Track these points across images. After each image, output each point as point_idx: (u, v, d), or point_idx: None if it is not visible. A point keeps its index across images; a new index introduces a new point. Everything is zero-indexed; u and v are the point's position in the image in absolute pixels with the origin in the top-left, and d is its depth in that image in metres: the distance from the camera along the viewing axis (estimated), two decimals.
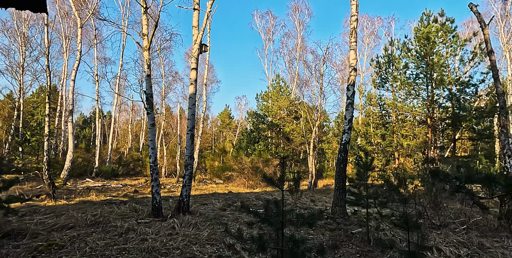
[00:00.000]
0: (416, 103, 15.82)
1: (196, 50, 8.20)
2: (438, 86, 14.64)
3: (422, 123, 15.60)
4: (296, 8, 29.75)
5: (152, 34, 6.96)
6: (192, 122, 7.97)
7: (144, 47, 7.08)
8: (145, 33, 7.17)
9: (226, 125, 53.19)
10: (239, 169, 15.81)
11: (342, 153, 8.67)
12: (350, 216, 7.81)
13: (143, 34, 7.12)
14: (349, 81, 8.99)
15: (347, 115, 8.89)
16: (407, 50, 15.53)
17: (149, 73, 7.18)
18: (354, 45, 8.95)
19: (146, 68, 7.15)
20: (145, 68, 7.15)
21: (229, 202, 9.72)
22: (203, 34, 8.32)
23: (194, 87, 8.15)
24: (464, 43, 13.89)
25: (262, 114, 24.77)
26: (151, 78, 7.25)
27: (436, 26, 14.42)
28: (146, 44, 7.10)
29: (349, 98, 8.95)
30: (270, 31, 31.42)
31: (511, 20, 23.12)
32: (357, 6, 8.93)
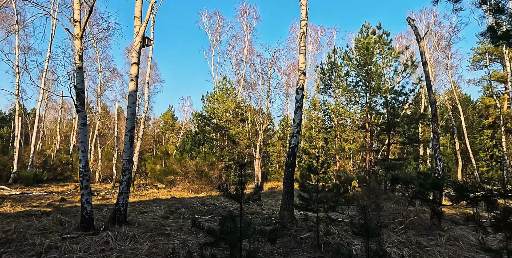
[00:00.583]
0: (356, 109, 16.76)
1: (138, 43, 7.46)
2: (375, 94, 15.67)
3: (361, 128, 16.56)
4: (244, 11, 29.80)
5: (86, 21, 6.09)
6: (131, 123, 7.20)
7: (75, 35, 6.17)
8: (77, 19, 6.26)
9: (169, 127, 51.07)
10: (183, 172, 15.04)
11: (290, 157, 8.62)
12: (298, 220, 7.75)
13: (74, 21, 6.20)
14: (298, 85, 9.02)
15: (296, 119, 8.89)
16: (349, 59, 16.40)
17: (80, 65, 6.27)
18: (304, 49, 9.02)
19: (77, 59, 6.23)
20: (76, 59, 6.24)
21: (172, 208, 9.05)
22: (146, 27, 7.62)
23: (135, 84, 7.40)
24: (397, 55, 15.08)
25: (207, 116, 24.11)
26: (83, 71, 6.35)
27: (374, 38, 15.45)
28: (78, 32, 6.19)
29: (298, 102, 8.97)
30: (218, 32, 30.99)
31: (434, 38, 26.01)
32: (306, 11, 9.03)
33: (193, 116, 25.80)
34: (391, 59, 15.20)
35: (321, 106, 18.75)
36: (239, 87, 29.36)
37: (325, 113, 18.33)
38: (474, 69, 35.50)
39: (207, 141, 22.68)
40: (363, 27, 16.28)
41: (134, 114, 7.36)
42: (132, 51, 7.46)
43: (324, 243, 5.44)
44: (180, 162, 16.09)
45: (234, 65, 32.22)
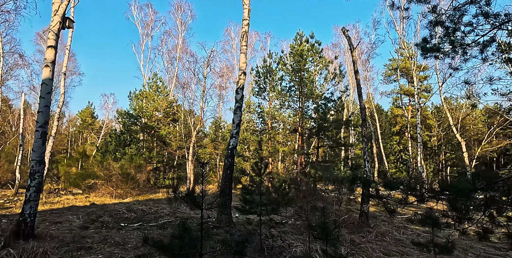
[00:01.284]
0: (290, 113, 17.30)
1: (56, 23, 6.36)
2: (307, 99, 16.40)
3: (293, 131, 17.14)
4: (179, 7, 28.59)
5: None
6: (45, 116, 6.06)
7: None
8: None
9: (87, 126, 46.21)
10: (106, 176, 13.48)
11: (229, 158, 8.32)
12: (236, 224, 7.47)
13: None
14: (238, 84, 8.81)
15: (235, 120, 8.65)
16: (283, 64, 16.88)
17: None
18: (245, 49, 8.86)
19: None
20: None
21: (93, 217, 7.92)
22: (67, 5, 6.56)
23: (51, 71, 6.27)
24: (328, 64, 16.07)
25: (135, 114, 22.31)
26: None
27: (307, 46, 16.20)
28: None
29: (237, 102, 8.75)
30: (149, 26, 29.08)
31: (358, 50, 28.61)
32: (249, 11, 8.90)
33: (119, 115, 23.64)
34: (322, 67, 16.11)
35: (255, 109, 18.92)
36: (171, 86, 28.01)
37: (259, 116, 18.53)
38: (386, 82, 39.95)
39: (134, 141, 20.97)
40: (297, 35, 16.95)
41: (49, 106, 6.22)
42: (49, 32, 6.33)
43: (267, 246, 5.26)
44: (102, 164, 14.44)
45: (166, 63, 30.68)
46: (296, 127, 17.09)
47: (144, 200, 12.06)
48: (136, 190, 13.99)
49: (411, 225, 8.70)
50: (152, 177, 18.75)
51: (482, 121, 33.32)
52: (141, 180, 14.34)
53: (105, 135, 41.73)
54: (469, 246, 5.93)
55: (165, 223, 7.53)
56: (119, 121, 22.85)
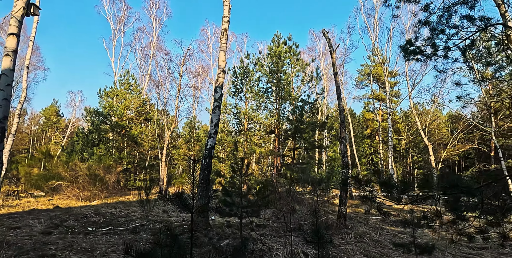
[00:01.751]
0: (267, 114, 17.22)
1: (19, 9, 5.80)
2: (284, 101, 16.40)
3: (270, 133, 17.06)
4: (154, 3, 27.78)
5: None
6: (4, 111, 5.48)
7: None
8: None
9: (52, 124, 43.74)
10: (71, 177, 12.63)
11: (206, 159, 8.03)
12: (213, 227, 7.19)
13: None
14: (217, 83, 8.55)
15: (213, 119, 8.38)
16: (261, 65, 16.78)
17: None
18: (225, 46, 8.63)
19: None
20: None
21: (57, 221, 7.31)
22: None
23: (12, 60, 5.70)
24: (305, 66, 16.17)
25: (105, 113, 21.27)
26: None
27: (285, 48, 16.21)
28: None
29: (216, 101, 8.49)
30: (122, 21, 27.99)
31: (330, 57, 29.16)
32: (229, 8, 8.69)
33: (87, 113, 22.42)
34: (300, 69, 16.19)
35: (232, 110, 18.66)
36: (144, 84, 27.07)
37: (235, 116, 18.29)
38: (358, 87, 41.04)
39: (103, 141, 19.96)
40: (275, 37, 16.92)
41: (8, 100, 5.64)
42: (11, 19, 5.76)
43: (247, 250, 5.04)
44: (67, 165, 13.55)
45: (140, 60, 29.67)
46: (273, 129, 17.03)
47: (114, 202, 11.42)
48: (105, 192, 13.24)
49: (386, 226, 8.83)
50: (122, 179, 17.92)
51: (446, 126, 35.17)
52: (110, 181, 13.60)
53: (71, 134, 39.60)
54: (444, 246, 6.06)
55: (137, 227, 7.10)
56: (88, 119, 21.69)
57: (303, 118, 14.67)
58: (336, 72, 9.04)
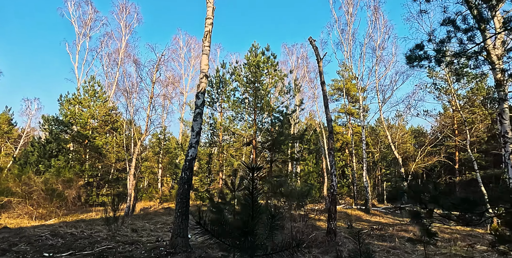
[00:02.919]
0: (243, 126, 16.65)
1: None
2: (262, 112, 15.98)
3: (247, 144, 16.46)
4: (124, 8, 26.70)
5: None
6: None
7: None
8: None
9: (3, 134, 39.95)
10: (24, 192, 11.08)
11: (187, 171, 7.26)
12: (193, 247, 6.36)
13: None
14: (199, 88, 7.92)
15: (195, 127, 7.67)
16: (238, 75, 16.33)
17: None
18: (208, 49, 8.06)
19: None
20: None
21: (4, 245, 6.09)
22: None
23: None
24: (283, 77, 15.95)
25: (66, 121, 19.53)
26: None
27: (264, 58, 15.95)
28: None
29: (198, 108, 7.82)
30: (88, 25, 26.50)
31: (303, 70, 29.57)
32: (213, 10, 8.20)
33: (45, 121, 20.49)
34: (278, 80, 15.93)
35: (207, 120, 17.90)
36: (110, 92, 25.52)
37: (210, 127, 17.53)
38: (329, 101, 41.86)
39: (62, 152, 18.21)
40: (253, 47, 16.63)
41: None
42: None
43: None
44: (19, 178, 11.96)
45: (106, 67, 28.12)
46: (250, 140, 16.47)
47: (74, 221, 10.10)
48: (63, 209, 11.79)
49: (374, 241, 8.46)
50: (83, 194, 16.29)
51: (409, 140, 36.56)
52: (70, 197, 12.17)
53: (25, 145, 36.32)
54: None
55: (104, 251, 6.09)
56: (45, 128, 19.79)
57: (282, 130, 14.29)
58: (323, 81, 8.77)
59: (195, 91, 30.91)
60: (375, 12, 19.80)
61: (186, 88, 32.71)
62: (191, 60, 34.05)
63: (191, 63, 33.99)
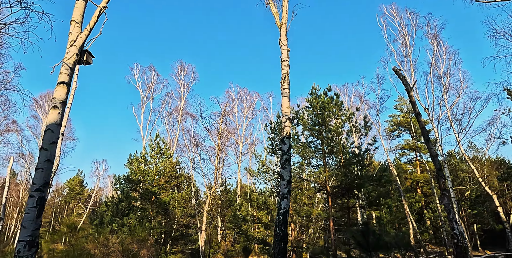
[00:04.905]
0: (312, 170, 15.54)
1: (72, 56, 5.00)
2: (331, 154, 14.86)
3: (319, 190, 15.13)
4: (182, 69, 28.91)
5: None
6: (45, 176, 4.23)
7: None
8: None
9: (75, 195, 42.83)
10: (102, 254, 10.79)
11: (281, 226, 6.29)
12: None
13: None
14: (284, 133, 7.27)
15: (284, 175, 6.85)
16: (301, 118, 15.76)
17: None
18: (288, 92, 7.57)
19: None
20: None
21: None
22: (88, 36, 5.32)
23: (60, 113, 4.67)
24: (351, 116, 15.02)
25: (135, 179, 20.06)
26: None
27: (327, 98, 15.36)
28: None
29: (285, 154, 7.07)
30: (151, 88, 28.82)
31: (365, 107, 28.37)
32: (288, 52, 7.89)
33: (116, 180, 21.30)
34: (345, 119, 15.01)
35: (273, 168, 17.12)
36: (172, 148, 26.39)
37: (279, 175, 16.62)
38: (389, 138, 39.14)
39: (133, 210, 18.32)
40: (313, 89, 16.26)
41: (52, 162, 4.44)
42: (62, 66, 4.91)
43: None
44: (97, 240, 11.80)
45: (167, 125, 29.64)
46: (323, 186, 15.11)
47: None
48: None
49: None
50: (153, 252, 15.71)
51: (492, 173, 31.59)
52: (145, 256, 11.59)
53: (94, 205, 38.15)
54: None
55: None
56: (117, 187, 20.44)
57: (362, 171, 12.92)
58: (418, 112, 7.68)
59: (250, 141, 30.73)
60: (434, 40, 18.80)
61: (241, 139, 32.94)
62: (243, 111, 34.86)
63: (244, 113, 34.74)
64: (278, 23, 7.38)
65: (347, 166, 14.26)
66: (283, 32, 7.34)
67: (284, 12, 7.30)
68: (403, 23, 19.93)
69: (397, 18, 20.20)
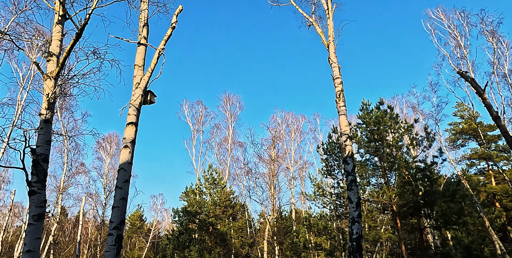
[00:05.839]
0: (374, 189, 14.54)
1: (138, 97, 5.32)
2: (394, 171, 13.84)
3: (384, 210, 13.99)
4: (228, 100, 29.91)
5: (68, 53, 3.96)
6: (121, 214, 4.35)
7: (48, 73, 3.95)
8: (55, 53, 4.16)
9: (136, 230, 44.52)
10: None
11: (356, 254, 5.75)
12: None
13: (50, 54, 4.09)
14: (346, 152, 6.91)
15: (352, 198, 6.41)
16: (355, 136, 15.08)
17: (48, 118, 3.83)
18: (344, 109, 7.29)
19: (45, 108, 3.84)
20: (43, 109, 3.84)
21: None
22: (150, 78, 5.65)
23: (131, 152, 4.89)
24: (409, 128, 14.05)
25: (193, 211, 20.39)
26: (50, 128, 3.86)
27: (380, 112, 14.62)
28: (53, 69, 4.00)
29: (350, 174, 6.67)
30: (200, 122, 30.02)
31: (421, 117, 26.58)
32: (339, 69, 7.72)
33: (174, 213, 21.84)
34: (403, 132, 14.06)
35: (329, 191, 16.36)
36: (225, 177, 26.68)
37: (337, 197, 15.81)
38: (452, 148, 35.89)
39: (192, 242, 18.41)
40: (363, 105, 15.62)
41: (126, 199, 4.58)
42: (130, 108, 5.23)
43: None
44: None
45: (218, 155, 30.28)
46: (387, 206, 13.97)
47: None
48: None
49: None
50: None
51: None
52: None
53: (153, 238, 39.25)
54: None
55: None
56: (176, 220, 20.89)
57: (431, 187, 11.74)
58: (496, 116, 6.90)
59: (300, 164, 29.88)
60: (492, 37, 17.39)
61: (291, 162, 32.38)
62: (291, 134, 34.50)
63: (291, 137, 34.35)
64: (325, 42, 7.32)
65: (413, 182, 13.11)
66: (331, 50, 7.24)
67: (330, 31, 7.25)
68: (453, 25, 18.83)
69: (446, 20, 19.18)
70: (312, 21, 7.65)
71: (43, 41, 4.69)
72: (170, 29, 5.91)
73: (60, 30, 4.30)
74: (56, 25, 4.28)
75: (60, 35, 4.26)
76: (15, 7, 8.05)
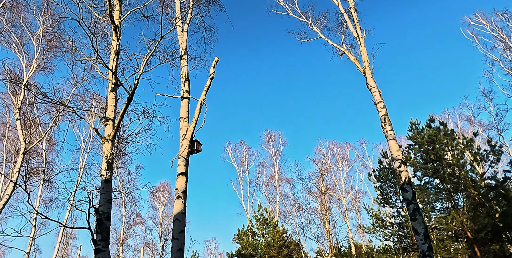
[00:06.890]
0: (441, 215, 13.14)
1: (185, 147, 5.57)
2: (460, 192, 12.53)
3: (458, 238, 12.43)
4: (270, 137, 30.15)
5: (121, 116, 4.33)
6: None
7: (106, 136, 4.32)
8: (110, 117, 4.58)
9: None
10: None
11: None
12: None
13: (106, 119, 4.51)
14: (402, 179, 6.47)
15: (418, 228, 5.83)
16: (409, 158, 14.13)
17: (108, 178, 4.11)
18: (392, 134, 6.97)
19: (105, 169, 4.14)
20: (103, 170, 4.14)
21: None
22: (194, 128, 5.93)
23: (183, 202, 5.01)
24: (469, 143, 12.92)
25: (247, 254, 19.74)
26: (111, 187, 4.12)
27: (433, 130, 13.72)
28: (110, 132, 4.38)
29: (411, 203, 6.15)
30: (245, 162, 30.25)
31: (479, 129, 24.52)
32: (380, 93, 7.54)
33: (229, 257, 21.30)
34: (463, 149, 12.92)
35: (389, 221, 15.06)
36: (276, 216, 25.94)
37: (399, 227, 14.46)
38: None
39: None
40: (412, 125, 14.80)
41: (183, 250, 4.60)
42: (179, 159, 5.46)
43: None
44: None
45: (266, 193, 29.83)
46: (459, 233, 12.43)
47: None
48: None
49: None
50: None
51: None
52: None
53: None
54: None
55: None
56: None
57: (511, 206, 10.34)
58: None
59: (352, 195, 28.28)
60: None
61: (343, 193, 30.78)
62: (338, 164, 33.28)
63: (339, 167, 33.06)
64: (360, 69, 7.29)
65: (486, 203, 11.70)
66: (368, 76, 7.16)
67: (364, 57, 7.25)
68: (497, 27, 17.91)
69: (487, 24, 18.36)
70: (343, 50, 7.74)
71: (99, 108, 5.21)
72: (209, 80, 6.30)
73: (114, 96, 4.80)
74: (110, 92, 4.80)
75: (114, 101, 4.74)
76: (75, 81, 9.20)
